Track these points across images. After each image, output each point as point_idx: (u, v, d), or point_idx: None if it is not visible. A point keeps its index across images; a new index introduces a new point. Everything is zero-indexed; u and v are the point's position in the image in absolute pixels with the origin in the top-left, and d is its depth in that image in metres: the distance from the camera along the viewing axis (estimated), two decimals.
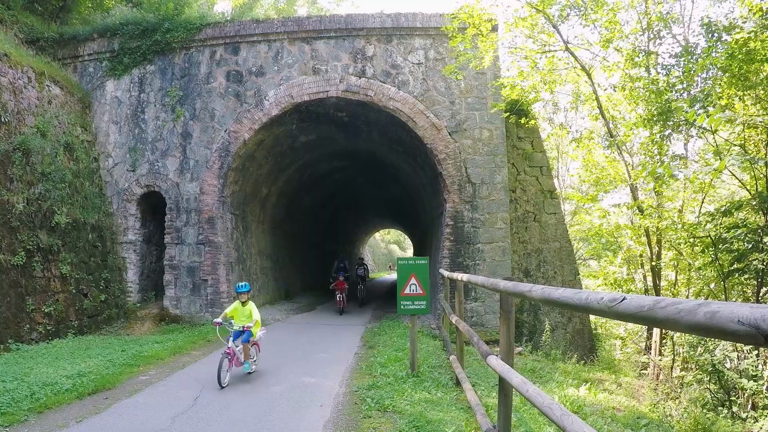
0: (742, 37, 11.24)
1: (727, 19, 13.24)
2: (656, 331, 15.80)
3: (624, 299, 2.15)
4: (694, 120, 10.72)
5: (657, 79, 13.73)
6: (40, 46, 16.59)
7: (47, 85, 14.60)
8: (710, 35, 12.92)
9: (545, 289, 3.30)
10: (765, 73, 11.85)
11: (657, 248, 15.98)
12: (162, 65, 16.64)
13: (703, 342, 13.38)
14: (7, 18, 16.20)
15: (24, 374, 8.73)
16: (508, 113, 15.28)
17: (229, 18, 19.19)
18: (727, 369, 12.85)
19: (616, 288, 17.14)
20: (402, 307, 9.38)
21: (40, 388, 7.90)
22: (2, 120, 12.46)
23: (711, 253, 13.21)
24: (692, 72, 12.89)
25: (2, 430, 6.33)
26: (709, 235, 13.14)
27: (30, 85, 13.84)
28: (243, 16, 20.89)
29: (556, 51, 15.30)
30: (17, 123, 13.00)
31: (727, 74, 11.97)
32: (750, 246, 12.28)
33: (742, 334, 1.48)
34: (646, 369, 16.75)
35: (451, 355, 9.52)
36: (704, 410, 12.13)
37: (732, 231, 12.42)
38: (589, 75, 15.35)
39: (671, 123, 13.58)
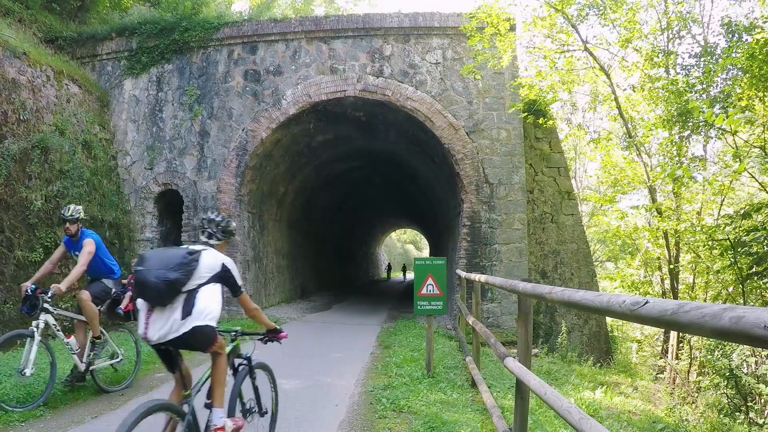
0: (762, 38, 11.13)
1: (747, 19, 13.14)
2: (673, 334, 15.66)
3: (647, 302, 2.11)
4: (714, 121, 10.62)
5: (677, 80, 13.61)
6: (59, 45, 16.71)
7: (66, 84, 14.70)
8: (730, 35, 12.81)
9: (565, 292, 3.26)
10: None
11: (675, 251, 15.83)
12: (180, 64, 16.72)
13: (720, 346, 13.23)
14: (26, 17, 16.32)
15: (41, 370, 8.77)
16: (525, 113, 15.18)
17: (246, 17, 19.24)
18: (745, 374, 12.70)
19: (633, 290, 16.99)
20: (419, 307, 9.36)
21: (57, 384, 7.93)
22: (21, 118, 12.55)
23: (730, 256, 13.07)
24: (712, 72, 12.77)
25: (19, 426, 6.36)
26: (728, 238, 13.00)
27: (48, 84, 13.94)
28: (260, 16, 20.93)
29: (574, 51, 15.20)
30: (36, 121, 13.09)
31: (747, 75, 11.84)
32: None
33: None
34: (662, 373, 16.62)
35: (467, 356, 9.49)
36: (721, 415, 12.00)
37: (751, 234, 12.28)
38: (607, 75, 15.25)
39: (690, 124, 13.46)
